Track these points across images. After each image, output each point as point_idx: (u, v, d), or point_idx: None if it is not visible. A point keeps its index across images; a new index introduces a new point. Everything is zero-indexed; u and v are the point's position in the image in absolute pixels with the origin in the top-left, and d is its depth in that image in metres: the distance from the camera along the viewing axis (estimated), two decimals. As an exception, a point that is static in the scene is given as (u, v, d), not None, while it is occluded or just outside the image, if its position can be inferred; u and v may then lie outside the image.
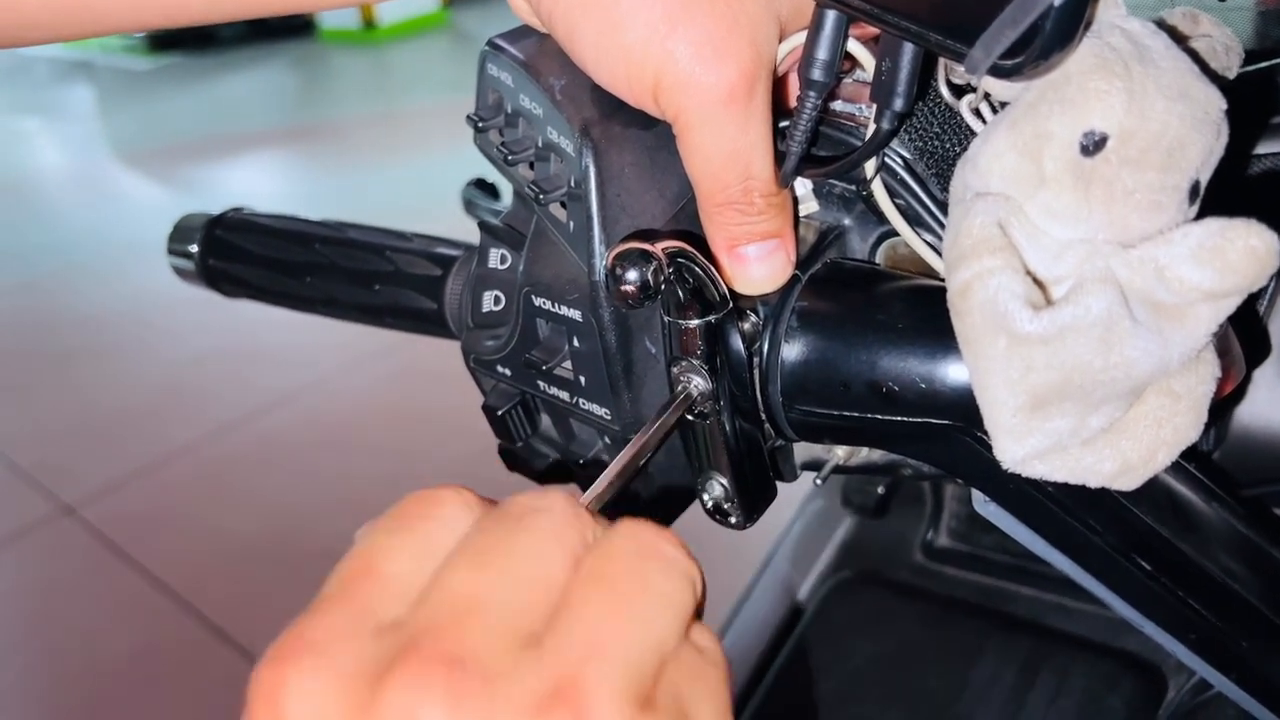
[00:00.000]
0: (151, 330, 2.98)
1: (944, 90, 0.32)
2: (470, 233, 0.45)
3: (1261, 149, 0.47)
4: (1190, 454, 0.46)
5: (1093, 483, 0.29)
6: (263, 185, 4.26)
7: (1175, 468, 0.38)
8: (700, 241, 0.34)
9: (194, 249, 0.54)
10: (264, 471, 2.44)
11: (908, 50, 0.29)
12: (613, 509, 0.29)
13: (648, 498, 0.39)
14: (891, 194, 0.34)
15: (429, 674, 0.21)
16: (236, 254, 0.52)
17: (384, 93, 5.60)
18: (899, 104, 0.30)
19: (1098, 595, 0.39)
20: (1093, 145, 0.27)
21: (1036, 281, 0.28)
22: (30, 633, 2.00)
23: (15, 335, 3.13)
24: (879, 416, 0.33)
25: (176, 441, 2.55)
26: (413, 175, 3.78)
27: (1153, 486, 0.36)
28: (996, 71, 0.26)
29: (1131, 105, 0.26)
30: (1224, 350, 0.32)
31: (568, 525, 0.24)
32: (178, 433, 2.58)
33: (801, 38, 0.32)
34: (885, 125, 0.30)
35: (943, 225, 0.34)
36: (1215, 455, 0.48)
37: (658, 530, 0.25)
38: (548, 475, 0.42)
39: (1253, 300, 0.44)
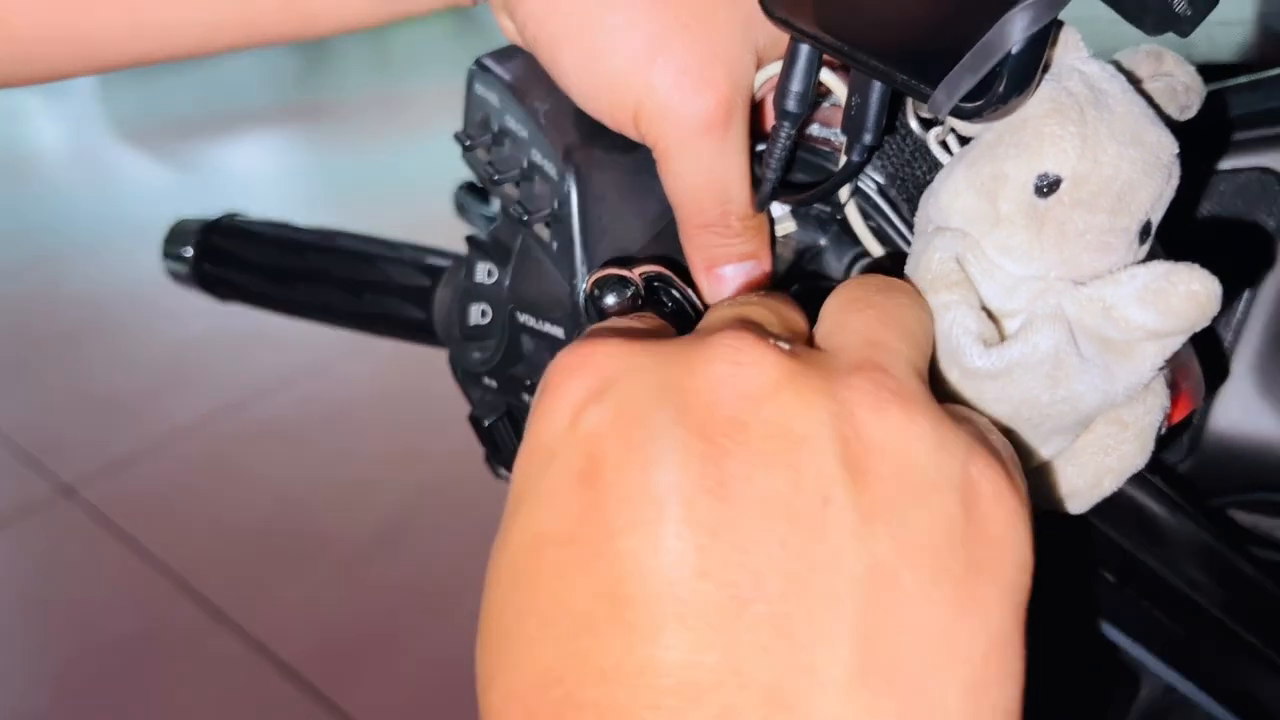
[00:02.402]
0: (153, 311, 2.98)
1: (913, 123, 0.33)
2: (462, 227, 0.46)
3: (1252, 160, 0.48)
4: (1157, 467, 0.48)
5: (1040, 506, 0.30)
6: (264, 164, 4.26)
7: (1141, 482, 0.39)
8: (677, 265, 0.35)
9: (188, 253, 0.55)
10: (266, 453, 2.45)
11: (876, 87, 0.30)
12: None
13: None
14: (865, 216, 0.35)
15: (745, 334, 0.23)
16: (230, 260, 0.53)
17: (386, 72, 5.59)
18: (868, 138, 0.31)
19: (1067, 603, 0.40)
20: (1046, 187, 0.28)
21: (991, 314, 0.29)
22: (30, 612, 2.02)
23: (16, 315, 3.13)
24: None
25: (178, 422, 2.56)
26: (414, 155, 3.78)
27: (1118, 502, 0.38)
28: (958, 113, 0.27)
29: (1085, 150, 0.27)
30: (1184, 376, 0.33)
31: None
32: (179, 414, 2.59)
33: (777, 67, 0.33)
34: (855, 157, 0.31)
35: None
36: (1187, 464, 0.49)
37: (886, 278, 0.28)
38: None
39: (1213, 327, 0.45)
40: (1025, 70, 0.26)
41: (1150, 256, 0.32)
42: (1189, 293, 0.27)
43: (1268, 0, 0.52)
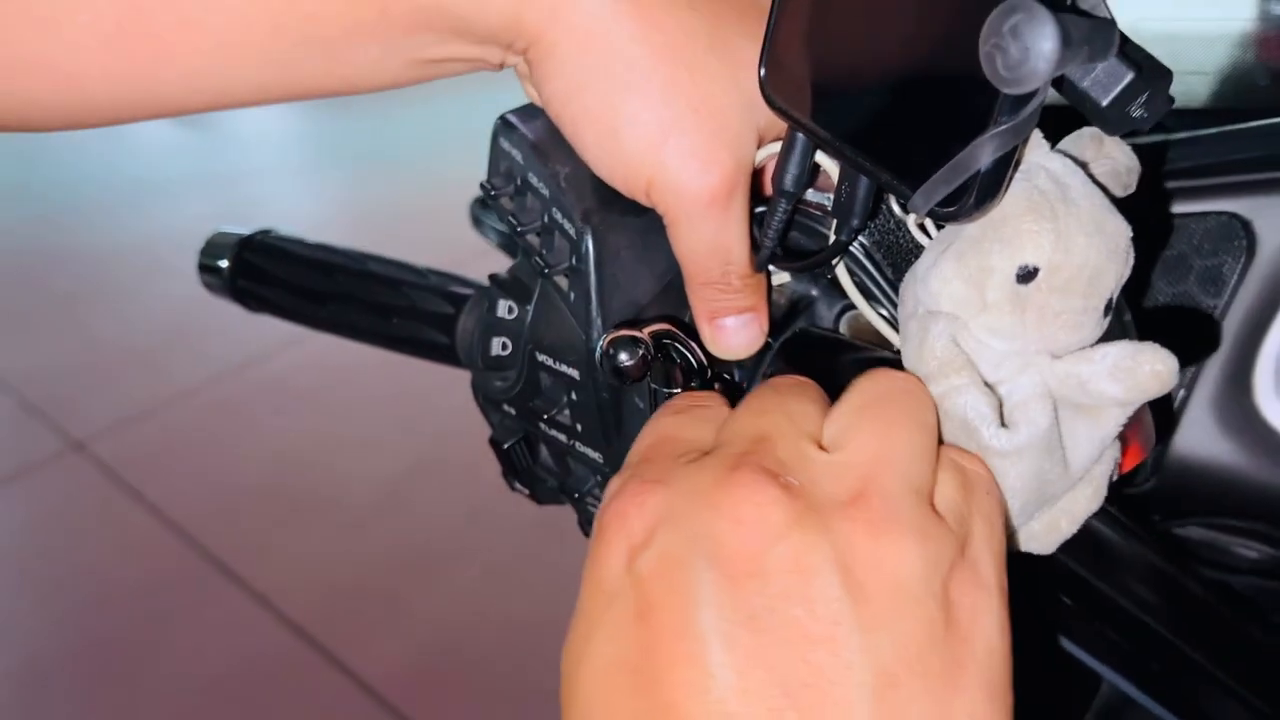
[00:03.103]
0: (161, 268, 2.99)
1: (895, 208, 0.36)
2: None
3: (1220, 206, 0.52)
4: (1117, 495, 0.52)
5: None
6: (273, 120, 4.25)
7: (1100, 512, 0.43)
8: (681, 322, 0.39)
9: (224, 266, 0.58)
10: (272, 411, 2.48)
11: (863, 180, 0.34)
12: None
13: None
14: (851, 274, 0.39)
15: (759, 477, 0.28)
16: (263, 277, 0.57)
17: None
18: (854, 222, 0.34)
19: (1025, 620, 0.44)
20: (1027, 275, 0.31)
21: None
22: (39, 565, 2.06)
23: (25, 271, 3.14)
24: (836, 474, 0.38)
25: (186, 379, 2.59)
26: (424, 111, 3.77)
27: (1077, 534, 0.42)
28: (934, 216, 0.31)
29: (1058, 243, 0.31)
30: (1137, 430, 0.37)
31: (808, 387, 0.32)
32: (187, 371, 2.62)
33: (778, 145, 0.37)
34: (843, 238, 0.35)
35: (894, 302, 0.38)
36: (1150, 486, 0.53)
37: (900, 375, 0.32)
38: (546, 498, 0.47)
39: None
40: (993, 183, 0.29)
41: (1114, 325, 0.36)
42: (1153, 371, 0.31)
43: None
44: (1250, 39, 0.60)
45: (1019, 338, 0.32)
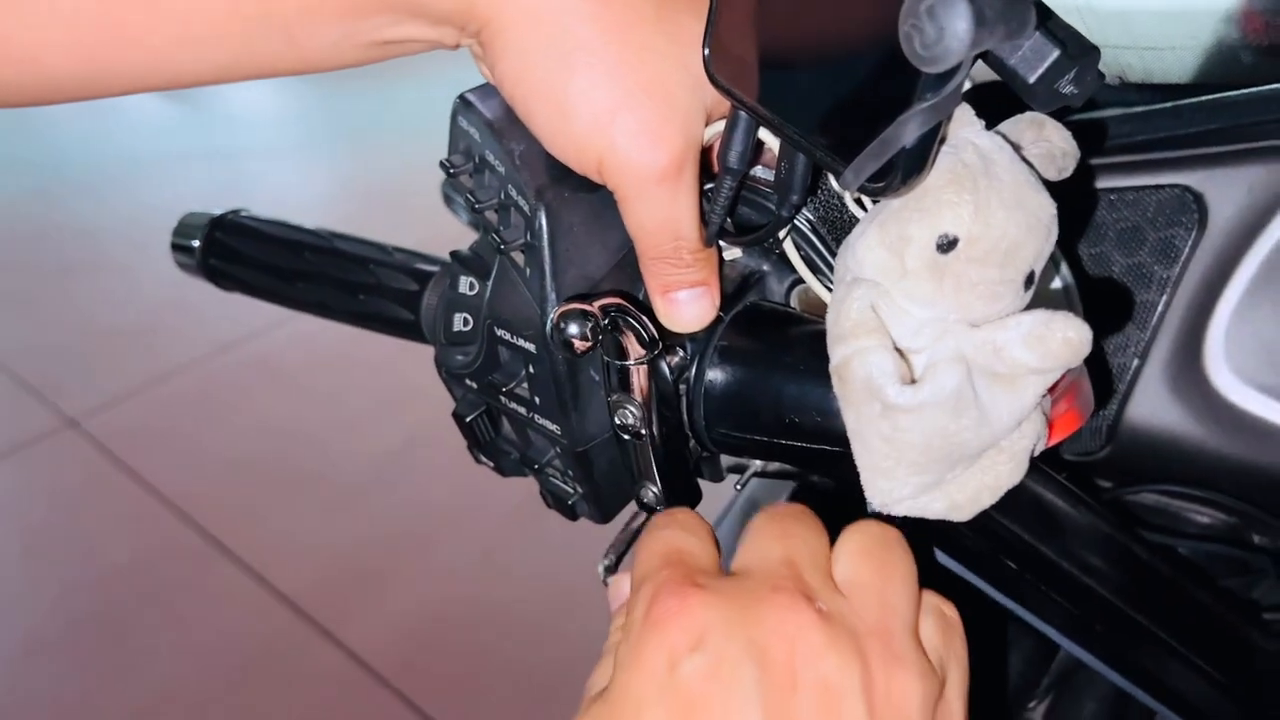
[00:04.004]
0: (152, 244, 2.96)
1: (833, 183, 0.37)
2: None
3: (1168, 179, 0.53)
4: (1060, 464, 0.53)
5: (927, 516, 0.36)
6: (264, 99, 4.24)
7: (1045, 478, 0.44)
8: (634, 297, 0.40)
9: (195, 245, 0.59)
10: (265, 388, 2.49)
11: (801, 158, 0.34)
12: None
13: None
14: (799, 248, 0.40)
15: (799, 600, 0.32)
16: (234, 255, 0.58)
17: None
18: (794, 198, 0.35)
19: (978, 587, 0.45)
20: (946, 245, 0.32)
21: (900, 352, 0.34)
22: (33, 541, 2.08)
23: (16, 248, 3.14)
24: (784, 442, 0.40)
25: (179, 356, 2.59)
26: (413, 91, 3.76)
27: (1018, 495, 0.43)
28: (864, 190, 0.31)
29: (977, 215, 0.32)
30: (1074, 395, 0.38)
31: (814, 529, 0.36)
32: (180, 348, 2.62)
33: (724, 122, 0.37)
34: (784, 213, 0.36)
35: None
36: (1104, 454, 0.54)
37: (884, 526, 0.35)
38: (509, 470, 0.48)
39: (1101, 348, 0.50)
40: (919, 159, 0.30)
41: (1052, 296, 0.37)
42: (1065, 339, 0.32)
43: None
44: (1232, 15, 0.61)
45: (937, 305, 0.33)
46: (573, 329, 0.36)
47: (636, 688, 0.31)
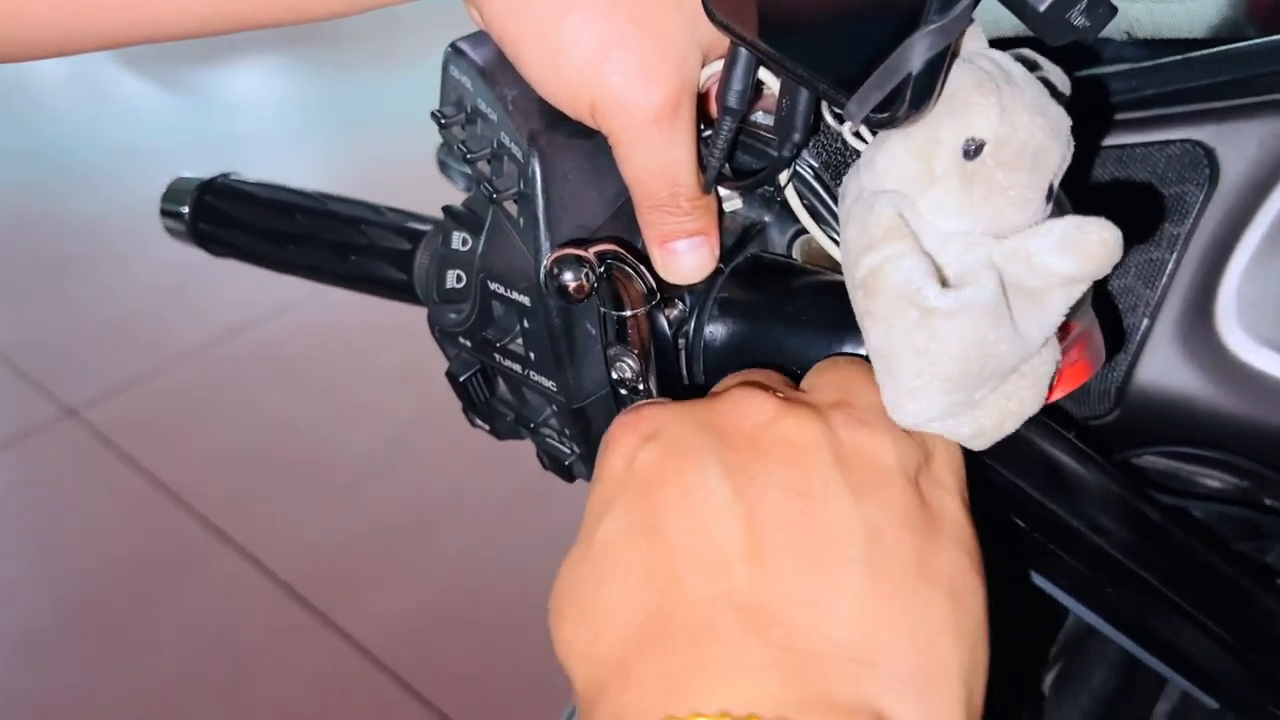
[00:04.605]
0: (151, 234, 2.95)
1: (829, 118, 0.36)
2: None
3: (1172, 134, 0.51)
4: (1069, 422, 0.51)
5: (952, 439, 0.34)
6: (263, 88, 4.22)
7: (1054, 436, 0.43)
8: (632, 246, 0.38)
9: (184, 210, 0.58)
10: (264, 377, 2.48)
11: (803, 93, 0.33)
12: None
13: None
14: (801, 196, 0.39)
15: (754, 389, 0.32)
16: (224, 219, 0.56)
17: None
18: (796, 137, 0.34)
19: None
20: (973, 149, 0.31)
21: None
22: (34, 531, 2.07)
23: (14, 239, 3.13)
24: (786, 396, 0.38)
25: (178, 346, 2.58)
26: (412, 79, 3.74)
27: (1027, 452, 0.42)
28: (869, 123, 0.30)
29: (1004, 116, 0.31)
30: (1085, 344, 0.37)
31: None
32: (179, 337, 2.61)
33: (721, 63, 0.36)
34: (785, 153, 0.35)
35: None
36: (1113, 417, 0.53)
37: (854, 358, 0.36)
38: (505, 432, 0.47)
39: (1112, 301, 0.49)
40: (927, 86, 0.29)
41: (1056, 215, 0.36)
42: (1100, 240, 0.31)
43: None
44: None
45: (966, 214, 0.32)
46: (568, 275, 0.35)
47: (599, 498, 0.31)
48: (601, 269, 0.36)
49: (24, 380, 2.49)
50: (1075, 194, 0.48)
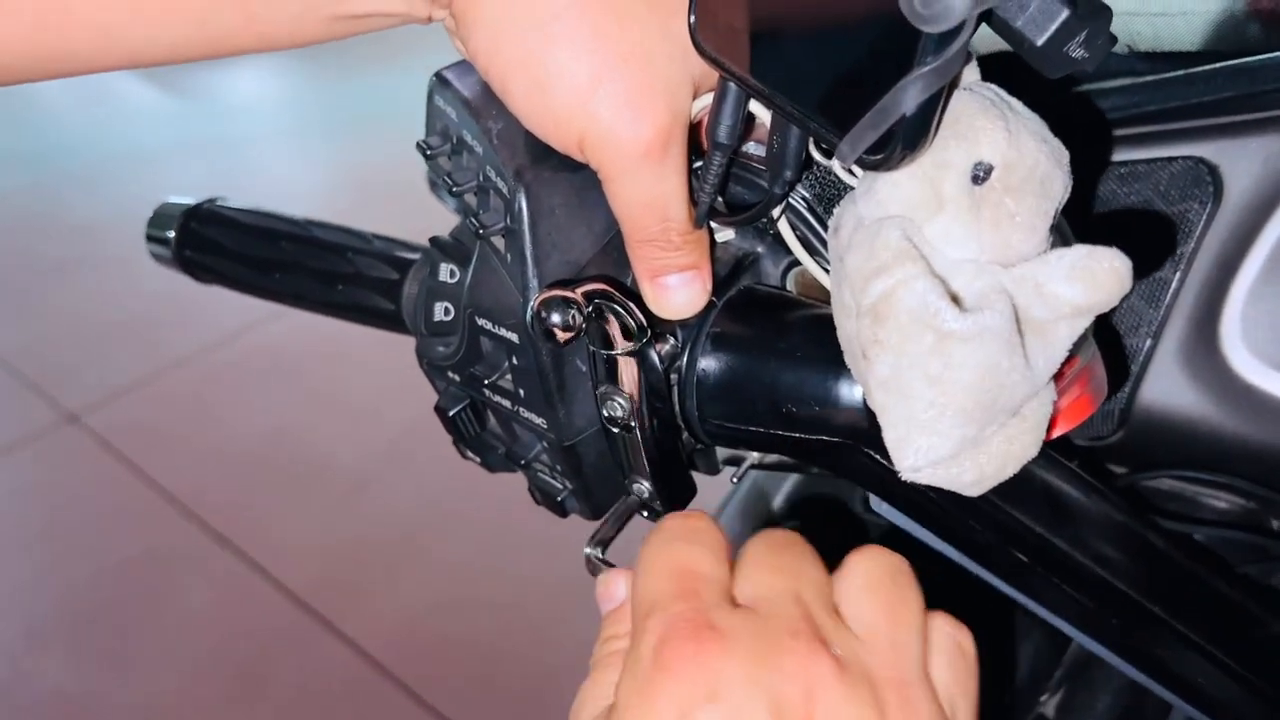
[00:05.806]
0: (149, 238, 2.96)
1: (816, 154, 0.35)
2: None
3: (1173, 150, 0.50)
4: (1072, 450, 0.51)
5: (953, 488, 0.33)
6: (263, 91, 4.21)
7: (1056, 465, 0.42)
8: (620, 283, 0.37)
9: (170, 236, 0.57)
10: (265, 381, 2.48)
11: (794, 131, 0.32)
12: None
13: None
14: (794, 228, 0.38)
15: (816, 647, 0.30)
16: (209, 246, 0.55)
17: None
18: (788, 174, 0.33)
19: (986, 580, 0.43)
20: (982, 174, 0.31)
21: None
22: (35, 536, 2.06)
23: (12, 243, 3.12)
24: (780, 433, 0.37)
25: (178, 351, 2.58)
26: (412, 82, 3.73)
27: (1030, 487, 0.41)
28: (861, 164, 0.29)
29: (1011, 140, 0.30)
30: (1087, 379, 0.36)
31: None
32: (180, 342, 2.60)
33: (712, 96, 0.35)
34: (777, 190, 0.34)
35: None
36: (1117, 439, 0.52)
37: (889, 555, 0.34)
38: (497, 465, 0.46)
39: (1115, 332, 0.48)
40: (920, 128, 0.28)
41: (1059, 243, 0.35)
42: (1111, 268, 0.30)
43: None
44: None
45: (973, 241, 0.31)
46: (555, 317, 0.34)
47: None
48: (590, 309, 0.35)
49: (24, 385, 2.48)
50: (1078, 214, 0.48)
